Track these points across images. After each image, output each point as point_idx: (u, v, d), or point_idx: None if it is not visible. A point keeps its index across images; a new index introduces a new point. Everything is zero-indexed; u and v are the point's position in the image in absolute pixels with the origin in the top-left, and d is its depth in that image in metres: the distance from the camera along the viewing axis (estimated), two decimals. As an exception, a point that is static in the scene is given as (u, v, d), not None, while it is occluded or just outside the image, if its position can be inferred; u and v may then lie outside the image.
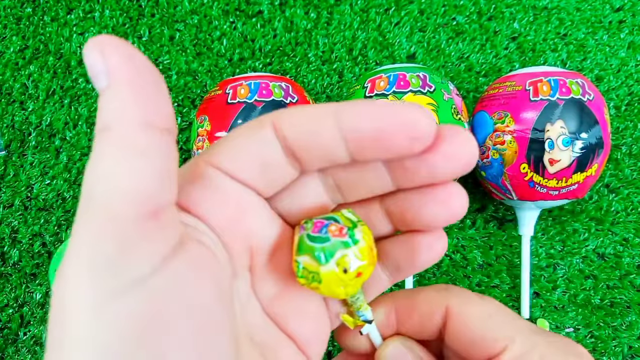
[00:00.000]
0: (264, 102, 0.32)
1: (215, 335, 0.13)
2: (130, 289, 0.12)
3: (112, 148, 0.12)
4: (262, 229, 0.17)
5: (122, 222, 0.12)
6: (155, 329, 0.12)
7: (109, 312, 0.12)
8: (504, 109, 0.33)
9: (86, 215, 0.12)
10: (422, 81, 0.32)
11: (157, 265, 0.12)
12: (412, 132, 0.14)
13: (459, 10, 0.44)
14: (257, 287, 0.17)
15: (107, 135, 0.12)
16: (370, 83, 0.33)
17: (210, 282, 0.14)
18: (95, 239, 0.12)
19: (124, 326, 0.12)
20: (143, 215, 0.12)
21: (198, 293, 0.13)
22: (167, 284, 0.12)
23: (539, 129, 0.31)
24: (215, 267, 0.14)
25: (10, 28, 0.43)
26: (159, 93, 0.13)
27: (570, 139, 0.31)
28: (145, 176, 0.12)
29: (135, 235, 0.12)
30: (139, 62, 0.13)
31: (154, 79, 0.13)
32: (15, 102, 0.42)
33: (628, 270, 0.38)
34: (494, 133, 0.33)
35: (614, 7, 0.44)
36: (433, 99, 0.32)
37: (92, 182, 0.12)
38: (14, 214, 0.39)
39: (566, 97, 0.32)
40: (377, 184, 0.17)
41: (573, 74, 0.33)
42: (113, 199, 0.12)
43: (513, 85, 0.33)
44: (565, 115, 0.31)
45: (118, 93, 0.12)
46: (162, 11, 0.44)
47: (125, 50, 0.12)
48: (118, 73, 0.12)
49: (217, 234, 0.15)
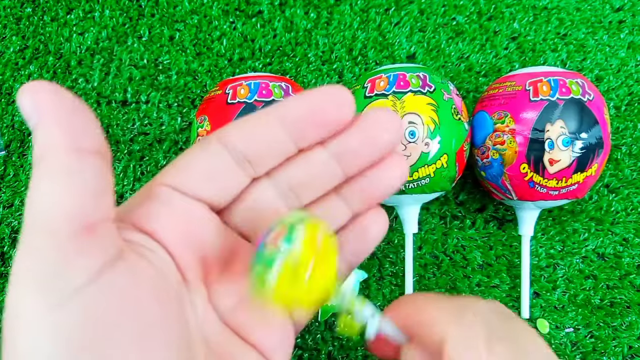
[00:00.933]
0: (264, 102, 0.32)
1: (159, 341, 0.14)
2: (69, 299, 0.13)
3: (47, 173, 0.13)
4: (213, 241, 0.18)
5: (58, 237, 0.13)
6: (97, 335, 0.13)
7: (51, 322, 0.13)
8: (504, 109, 0.33)
9: (29, 232, 0.13)
10: (422, 81, 0.32)
11: (93, 276, 0.13)
12: (337, 100, 0.17)
13: (459, 10, 0.44)
14: (215, 299, 0.18)
15: (42, 164, 0.14)
16: (370, 83, 0.33)
17: (151, 292, 0.15)
18: (36, 253, 0.13)
19: (67, 334, 0.13)
20: (78, 230, 0.13)
21: (137, 301, 0.14)
22: (104, 293, 0.14)
23: (539, 129, 0.31)
24: (157, 278, 0.15)
25: (10, 28, 0.43)
26: (86, 121, 0.14)
27: (570, 139, 0.31)
28: (78, 195, 0.13)
29: (71, 248, 0.13)
30: (64, 98, 0.14)
31: (80, 110, 0.14)
32: (15, 102, 0.42)
33: (628, 270, 0.38)
34: (494, 133, 0.33)
35: (614, 7, 0.44)
36: (433, 99, 0.32)
37: (31, 204, 0.14)
38: (14, 214, 0.39)
39: (566, 97, 0.32)
40: (328, 178, 0.19)
41: (573, 74, 0.33)
42: (50, 216, 0.13)
43: (513, 85, 0.33)
44: (565, 115, 0.31)
45: (47, 127, 0.14)
46: (162, 11, 0.44)
47: (50, 90, 0.14)
48: (45, 110, 0.14)
49: (168, 248, 0.17)
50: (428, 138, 0.31)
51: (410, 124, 0.31)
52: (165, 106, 0.41)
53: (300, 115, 0.17)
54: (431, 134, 0.31)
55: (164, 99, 0.42)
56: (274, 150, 0.18)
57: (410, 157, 0.31)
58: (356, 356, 0.37)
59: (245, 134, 0.17)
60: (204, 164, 0.17)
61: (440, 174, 0.32)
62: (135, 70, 0.42)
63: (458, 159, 0.33)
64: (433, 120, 0.31)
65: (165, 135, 0.41)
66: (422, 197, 0.34)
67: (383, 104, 0.32)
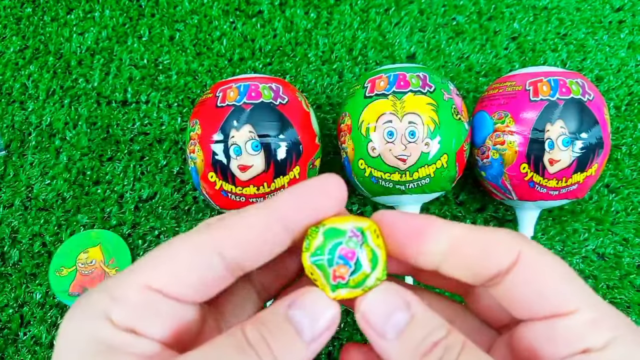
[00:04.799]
0: (253, 105, 0.32)
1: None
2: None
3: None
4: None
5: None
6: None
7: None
8: (504, 109, 0.33)
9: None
10: (422, 81, 0.32)
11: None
12: (335, 195, 0.17)
13: (459, 10, 0.44)
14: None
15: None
16: (370, 83, 0.33)
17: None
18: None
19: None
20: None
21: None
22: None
23: (539, 129, 0.31)
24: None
25: (10, 28, 0.43)
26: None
27: (570, 139, 0.31)
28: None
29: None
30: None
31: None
32: (15, 102, 0.42)
33: (628, 270, 0.38)
34: (494, 133, 0.33)
35: (614, 7, 0.44)
36: (433, 99, 0.32)
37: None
38: (14, 214, 0.39)
39: (566, 97, 0.32)
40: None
41: (573, 74, 0.33)
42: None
43: (513, 85, 0.33)
44: (565, 115, 0.31)
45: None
46: (162, 11, 0.44)
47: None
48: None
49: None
50: (428, 138, 0.31)
51: (411, 124, 0.31)
52: (165, 106, 0.41)
53: (304, 216, 0.17)
54: (431, 134, 0.31)
55: (164, 99, 0.42)
56: (271, 255, 0.17)
57: (410, 157, 0.31)
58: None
59: (248, 249, 0.17)
60: (197, 275, 0.17)
61: (440, 174, 0.32)
62: (135, 70, 0.42)
63: (458, 159, 0.33)
64: (433, 120, 0.31)
65: (165, 135, 0.41)
66: (422, 197, 0.34)
67: (383, 104, 0.32)
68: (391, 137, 0.31)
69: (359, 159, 0.33)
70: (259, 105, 0.32)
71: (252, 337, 0.15)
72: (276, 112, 0.32)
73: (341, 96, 0.42)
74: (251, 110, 0.31)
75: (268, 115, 0.32)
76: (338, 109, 0.41)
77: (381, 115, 0.32)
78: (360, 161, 0.33)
